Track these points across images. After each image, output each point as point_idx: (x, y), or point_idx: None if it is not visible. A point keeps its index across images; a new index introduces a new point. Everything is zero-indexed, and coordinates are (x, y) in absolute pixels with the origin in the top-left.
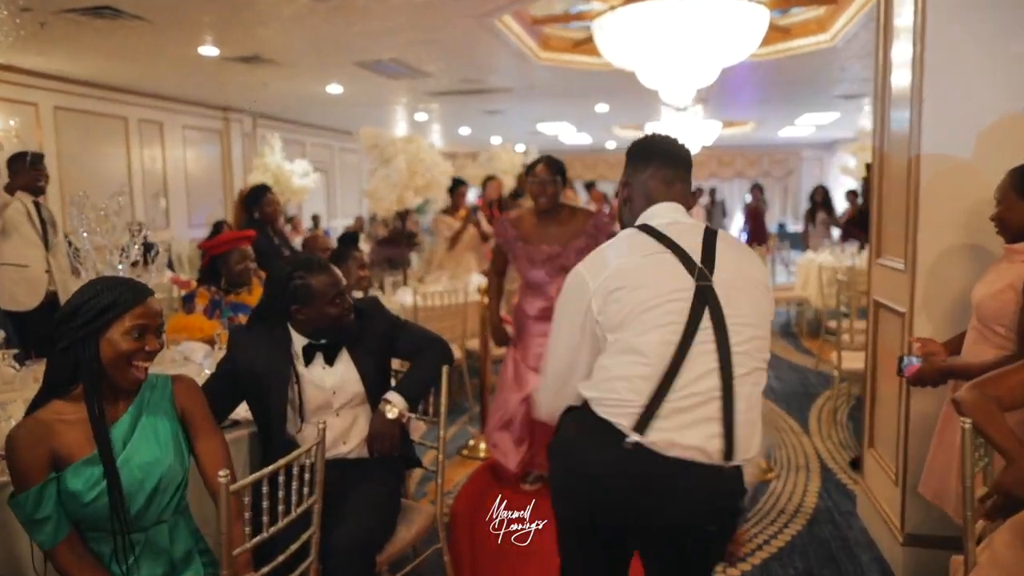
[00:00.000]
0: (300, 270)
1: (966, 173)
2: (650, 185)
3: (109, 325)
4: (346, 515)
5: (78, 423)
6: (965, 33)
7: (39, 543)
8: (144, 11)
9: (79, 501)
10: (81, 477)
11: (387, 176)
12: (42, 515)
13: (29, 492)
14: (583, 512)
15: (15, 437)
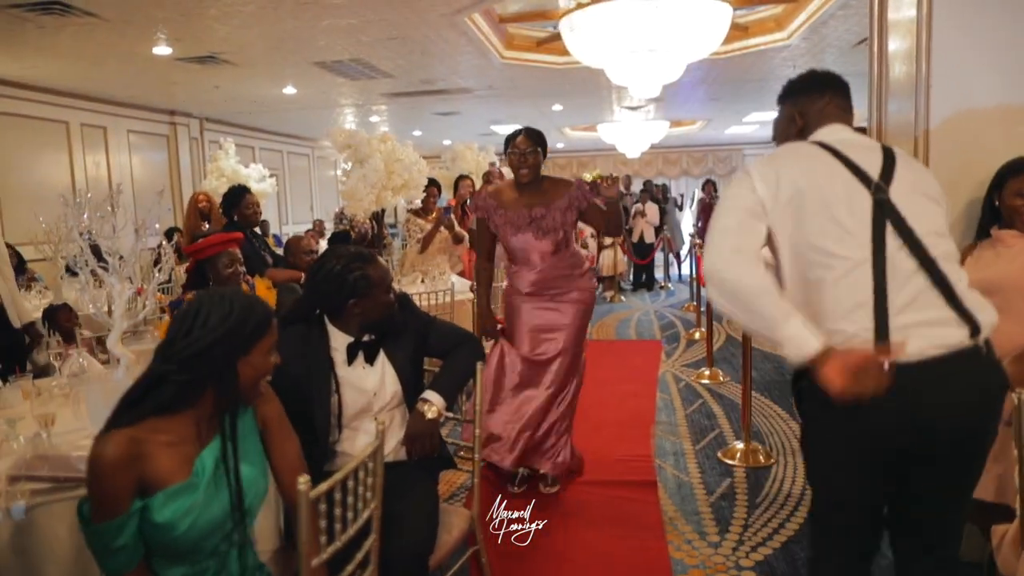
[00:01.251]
0: (356, 262)
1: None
2: (827, 111)
3: (252, 348)
4: (397, 522)
5: (175, 445)
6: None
7: (106, 570)
8: (97, 8)
9: (168, 533)
10: (171, 507)
11: (364, 176)
12: (119, 544)
13: (117, 520)
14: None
15: (102, 456)
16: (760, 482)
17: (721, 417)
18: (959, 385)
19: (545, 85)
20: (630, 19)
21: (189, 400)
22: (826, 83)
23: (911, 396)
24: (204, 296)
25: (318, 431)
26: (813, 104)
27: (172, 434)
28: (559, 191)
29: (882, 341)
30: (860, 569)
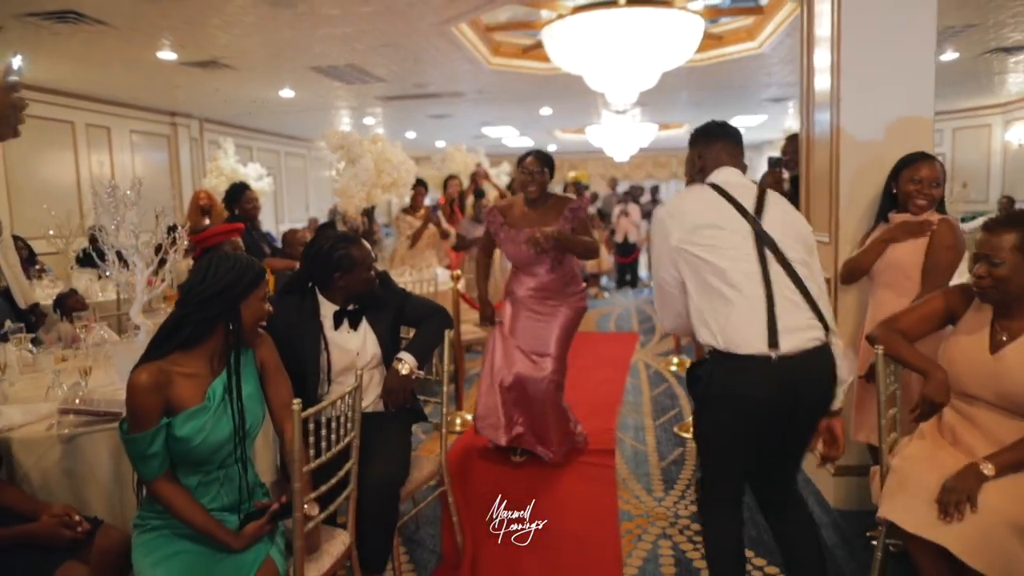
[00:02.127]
0: (342, 242)
1: (876, 163)
2: (719, 156)
3: (250, 294)
4: (373, 458)
5: (192, 376)
6: (873, 44)
7: (142, 475)
8: (107, 16)
9: (186, 445)
10: (189, 425)
11: (355, 175)
12: (151, 452)
13: (147, 433)
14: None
15: (137, 381)
16: None
17: (682, 398)
18: (818, 371)
19: (532, 89)
20: (607, 30)
21: (203, 337)
22: (719, 133)
23: (791, 382)
24: (213, 255)
25: (308, 382)
26: (709, 150)
27: (189, 367)
28: (559, 211)
29: (773, 341)
30: (738, 487)
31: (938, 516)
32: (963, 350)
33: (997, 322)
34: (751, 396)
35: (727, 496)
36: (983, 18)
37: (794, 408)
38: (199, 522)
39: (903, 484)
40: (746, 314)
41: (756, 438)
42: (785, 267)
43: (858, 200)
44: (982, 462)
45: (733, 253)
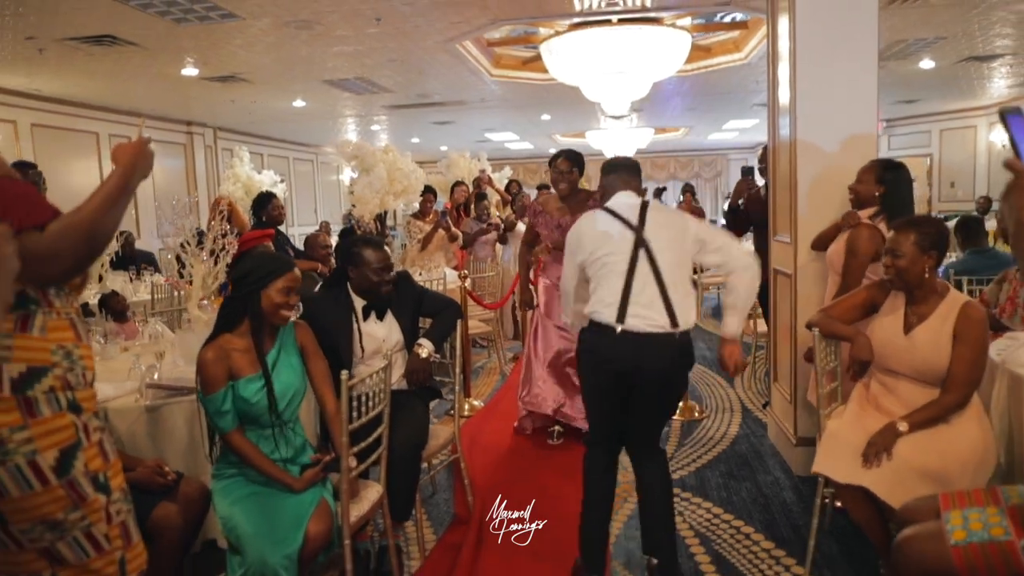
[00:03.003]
0: (360, 242)
1: (828, 171)
2: (616, 184)
3: (269, 284)
4: (399, 425)
5: (243, 351)
6: (823, 63)
7: (220, 429)
8: (140, 39)
9: (247, 403)
10: (248, 388)
11: (369, 183)
12: (225, 409)
13: (219, 392)
14: (601, 376)
15: (206, 357)
16: (691, 430)
17: None
18: (657, 351)
19: (532, 98)
20: (601, 45)
21: (239, 319)
22: (616, 167)
23: (633, 352)
24: (250, 252)
25: (344, 362)
26: (608, 180)
27: (240, 344)
28: (585, 203)
29: (620, 318)
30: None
31: (862, 465)
32: (882, 331)
33: (909, 307)
34: (602, 355)
35: (599, 441)
36: (951, 31)
37: (633, 373)
38: (266, 467)
39: (834, 443)
40: (609, 295)
41: (609, 391)
42: (653, 267)
43: (815, 205)
44: (899, 421)
45: (615, 256)
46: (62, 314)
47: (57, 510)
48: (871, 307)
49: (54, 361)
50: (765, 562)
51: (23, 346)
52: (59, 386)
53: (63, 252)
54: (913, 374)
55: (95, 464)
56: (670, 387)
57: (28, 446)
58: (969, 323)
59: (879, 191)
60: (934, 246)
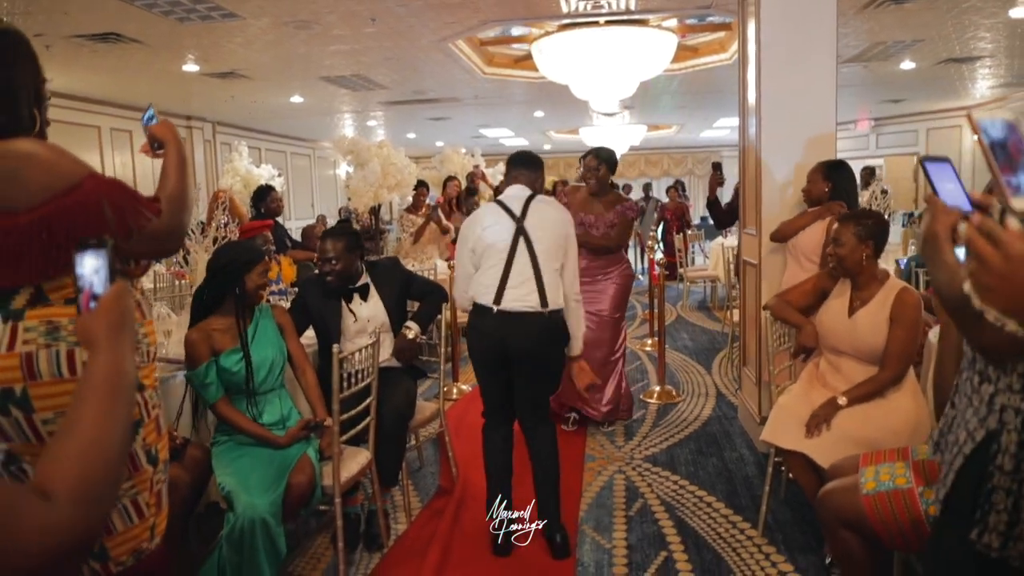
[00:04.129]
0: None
1: (790, 170)
2: (510, 178)
3: (250, 269)
4: (388, 398)
5: (225, 329)
6: (786, 67)
7: (207, 400)
8: (144, 36)
9: (230, 373)
10: (230, 360)
11: (364, 177)
12: (209, 381)
13: (201, 367)
14: (483, 350)
15: (191, 339)
16: (666, 412)
17: (652, 373)
18: (527, 328)
19: (525, 95)
20: (590, 45)
21: (221, 301)
22: (512, 161)
23: (507, 328)
24: (225, 243)
25: (332, 339)
26: (509, 175)
27: (221, 324)
28: (613, 205)
29: (497, 299)
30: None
31: (805, 435)
32: (829, 314)
33: (854, 293)
34: (481, 331)
35: (490, 411)
36: (927, 34)
37: (506, 347)
38: (251, 428)
39: (782, 414)
40: (489, 280)
41: (489, 364)
42: (531, 254)
43: (777, 200)
44: (839, 396)
45: (499, 244)
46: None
47: None
48: (822, 293)
49: None
50: (723, 526)
51: None
52: None
53: (177, 226)
54: (855, 353)
55: (151, 438)
56: (543, 360)
57: None
58: (904, 307)
59: (827, 187)
60: (871, 236)
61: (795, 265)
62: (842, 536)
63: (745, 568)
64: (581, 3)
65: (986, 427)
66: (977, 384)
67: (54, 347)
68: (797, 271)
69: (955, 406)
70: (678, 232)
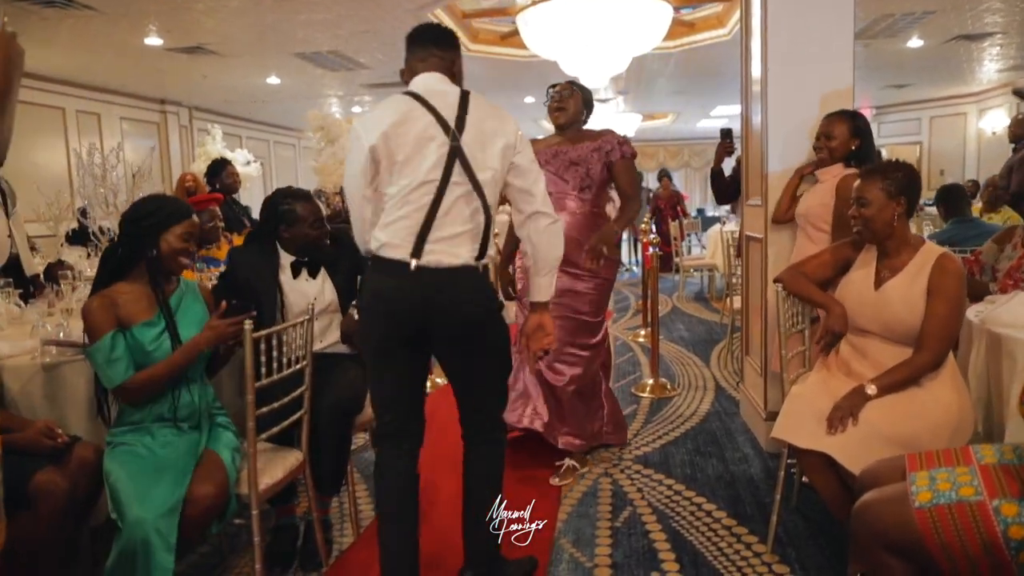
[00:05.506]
0: (288, 198)
1: (798, 132)
2: (413, 63)
3: (168, 228)
4: (327, 388)
5: (138, 297)
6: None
7: (112, 380)
8: (94, 1)
9: (145, 350)
10: (146, 333)
11: (334, 154)
12: (116, 356)
13: (105, 338)
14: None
15: (90, 307)
16: (660, 407)
17: (644, 365)
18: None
19: (514, 76)
20: (579, 16)
21: (132, 264)
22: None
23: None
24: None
25: (265, 320)
26: (412, 55)
27: (133, 291)
28: (595, 136)
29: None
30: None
31: (825, 431)
32: (853, 287)
33: (880, 262)
34: (388, 298)
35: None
36: (940, 4)
37: (429, 322)
38: (174, 364)
39: (797, 406)
40: (403, 221)
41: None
42: (475, 186)
43: (786, 164)
44: (868, 384)
45: (421, 168)
46: None
47: None
48: (844, 264)
49: None
50: (725, 540)
51: None
52: None
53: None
54: (884, 332)
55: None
56: (484, 333)
57: None
58: (945, 276)
59: (855, 144)
60: (902, 191)
61: (803, 238)
62: (885, 562)
63: None
64: None
65: None
66: None
67: None
68: (806, 244)
69: None
70: (673, 220)
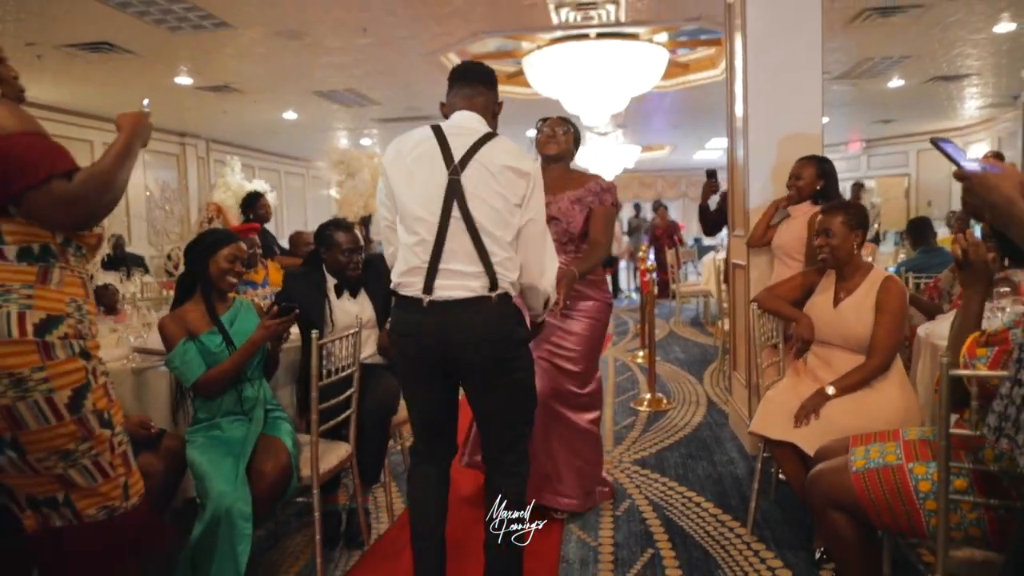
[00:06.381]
0: (332, 226)
1: (775, 171)
2: (454, 100)
3: (216, 251)
4: (370, 392)
5: (201, 313)
6: (772, 75)
7: (189, 379)
8: (136, 47)
9: (211, 352)
10: (211, 341)
11: (355, 187)
12: (188, 359)
13: (178, 346)
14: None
15: (164, 323)
16: (656, 419)
17: (642, 383)
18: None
19: (517, 114)
20: (580, 59)
21: (193, 288)
22: (460, 75)
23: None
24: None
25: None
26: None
27: (193, 309)
28: (578, 183)
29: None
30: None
31: (793, 425)
32: (817, 306)
33: (839, 284)
34: (408, 333)
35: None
36: (915, 50)
37: (448, 354)
38: (237, 359)
39: (770, 407)
40: (414, 261)
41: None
42: (467, 223)
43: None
44: (828, 386)
45: (424, 206)
46: (76, 272)
47: (69, 442)
48: (811, 288)
49: (68, 312)
50: (711, 524)
51: (43, 296)
52: (72, 334)
53: (86, 198)
54: (842, 342)
55: (101, 403)
56: (503, 367)
57: (45, 385)
58: (888, 295)
59: (820, 185)
60: (860, 225)
61: (781, 266)
62: (832, 518)
63: (734, 564)
64: (571, 15)
65: None
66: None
67: (3, 308)
68: (783, 271)
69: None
70: (669, 248)
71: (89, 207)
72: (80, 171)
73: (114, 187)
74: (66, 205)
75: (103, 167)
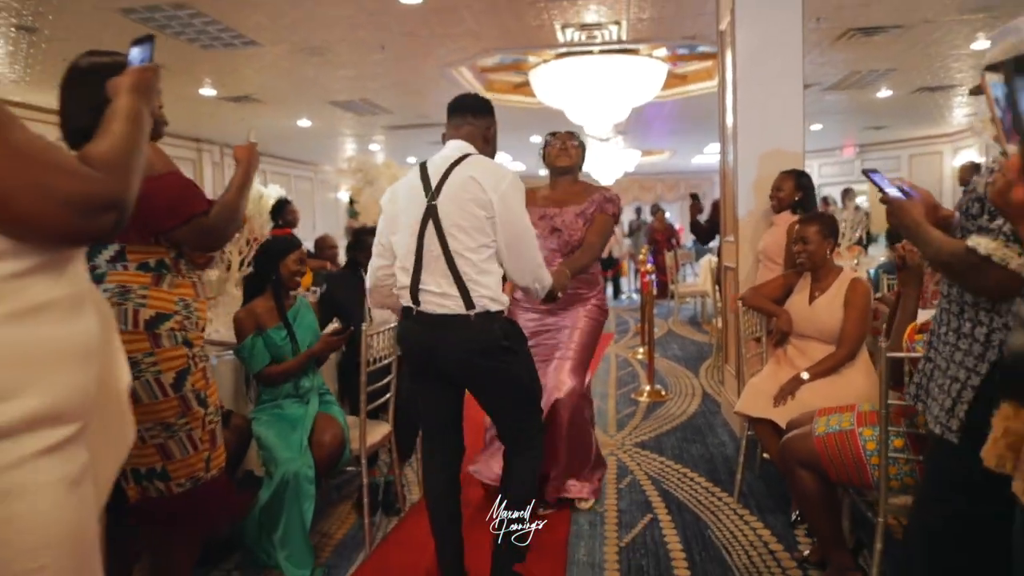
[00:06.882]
0: (366, 232)
1: (761, 182)
2: (446, 132)
3: (285, 256)
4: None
5: (268, 310)
6: (759, 92)
7: (254, 368)
8: (165, 60)
9: (277, 346)
10: (277, 335)
11: (372, 194)
12: (255, 352)
13: (248, 339)
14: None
15: (238, 316)
16: (655, 408)
17: (642, 377)
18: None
19: (522, 121)
20: (584, 73)
21: (262, 286)
22: (453, 108)
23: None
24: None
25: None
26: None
27: (263, 305)
28: (583, 196)
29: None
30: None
31: (772, 405)
32: (794, 304)
33: (813, 284)
34: (407, 337)
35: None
36: (900, 63)
37: (432, 355)
38: (296, 364)
39: (753, 390)
40: (404, 276)
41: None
42: (441, 242)
43: (752, 211)
44: (803, 372)
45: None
46: (186, 277)
47: (171, 415)
48: (790, 288)
49: (176, 310)
50: (702, 495)
51: (155, 296)
52: (177, 327)
53: (222, 228)
54: (817, 335)
55: (199, 384)
56: (490, 370)
57: (154, 368)
58: (855, 294)
59: (798, 195)
60: (831, 234)
61: (764, 269)
62: (799, 475)
63: (720, 526)
64: (576, 34)
65: (987, 360)
66: (969, 330)
67: (123, 305)
68: (765, 274)
69: (932, 360)
70: (668, 251)
71: (221, 235)
72: (214, 204)
73: (239, 215)
74: (205, 235)
75: (230, 200)
